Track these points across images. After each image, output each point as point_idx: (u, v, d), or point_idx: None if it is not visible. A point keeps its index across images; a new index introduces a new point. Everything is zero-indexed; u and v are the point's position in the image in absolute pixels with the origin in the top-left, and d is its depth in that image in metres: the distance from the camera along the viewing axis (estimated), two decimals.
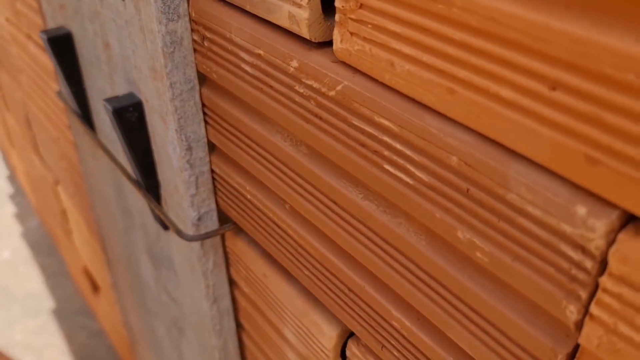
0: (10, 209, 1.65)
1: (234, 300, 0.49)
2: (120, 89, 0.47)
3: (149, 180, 0.47)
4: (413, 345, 0.29)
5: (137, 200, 0.55)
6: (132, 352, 0.91)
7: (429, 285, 0.26)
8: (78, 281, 1.31)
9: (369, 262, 0.30)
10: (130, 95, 0.45)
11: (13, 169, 1.74)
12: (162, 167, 0.45)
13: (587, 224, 0.19)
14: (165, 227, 0.50)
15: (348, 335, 0.36)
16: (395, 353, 0.31)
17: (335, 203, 0.30)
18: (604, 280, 0.19)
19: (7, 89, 1.27)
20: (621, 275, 0.18)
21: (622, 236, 0.18)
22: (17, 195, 1.71)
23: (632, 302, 0.18)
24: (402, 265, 0.28)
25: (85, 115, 0.60)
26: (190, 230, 0.43)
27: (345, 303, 0.33)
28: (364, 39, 0.24)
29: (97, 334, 1.26)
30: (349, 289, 0.32)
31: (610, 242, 0.18)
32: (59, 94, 0.67)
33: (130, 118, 0.44)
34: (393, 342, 0.31)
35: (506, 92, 0.19)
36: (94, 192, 0.71)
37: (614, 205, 0.18)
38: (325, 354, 0.37)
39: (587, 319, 0.20)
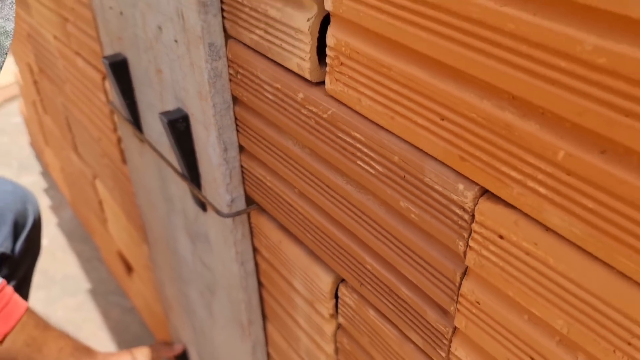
0: (45, 201, 1.81)
1: (256, 264, 0.64)
2: (169, 105, 0.63)
3: (192, 173, 0.62)
4: (379, 280, 0.44)
5: (178, 189, 0.70)
6: (165, 319, 1.07)
7: (387, 237, 0.41)
8: (112, 264, 1.47)
9: (351, 226, 0.45)
10: (179, 109, 0.60)
11: (46, 166, 1.90)
12: (203, 163, 0.60)
13: (464, 194, 0.34)
14: (204, 209, 0.65)
15: (339, 282, 0.51)
16: (369, 287, 0.46)
17: (328, 187, 0.45)
18: (474, 226, 0.34)
19: (48, 94, 1.42)
20: (481, 222, 0.33)
21: (481, 200, 0.33)
22: (51, 189, 1.87)
23: (488, 236, 0.33)
24: (371, 226, 0.43)
25: (135, 121, 0.75)
26: (225, 210, 0.59)
27: (337, 256, 0.48)
28: (344, 83, 0.39)
29: (129, 311, 1.42)
30: (339, 246, 0.47)
31: (475, 204, 0.33)
32: (112, 103, 0.82)
33: (180, 127, 0.59)
34: (367, 280, 0.46)
35: (420, 120, 0.34)
36: (138, 184, 0.86)
37: (476, 184, 0.33)
38: (324, 296, 0.53)
39: (468, 249, 0.35)
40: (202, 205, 0.65)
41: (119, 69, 0.71)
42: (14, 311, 0.82)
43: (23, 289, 1.05)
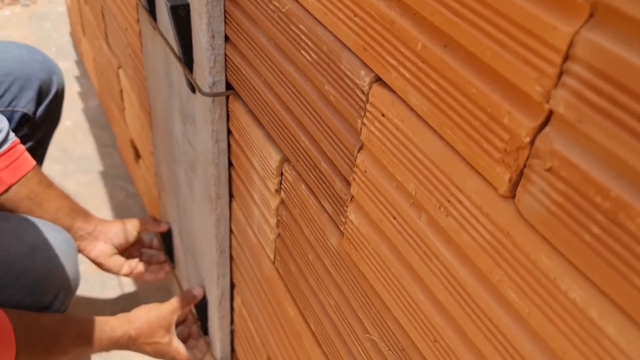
0: (75, 88, 1.93)
1: (229, 145, 0.74)
2: None
3: (187, 57, 0.72)
4: (308, 156, 0.53)
5: (178, 74, 0.80)
6: (158, 199, 1.19)
7: (315, 118, 0.50)
8: (124, 152, 1.59)
9: (294, 109, 0.54)
10: None
11: (81, 55, 2.02)
12: (196, 49, 0.69)
13: (364, 79, 0.42)
14: (193, 91, 0.74)
15: (285, 161, 0.61)
16: (302, 163, 0.55)
17: (283, 75, 0.54)
18: (368, 106, 0.43)
19: None
20: (372, 103, 0.42)
21: (374, 85, 0.42)
22: (82, 78, 1.99)
23: (375, 115, 0.42)
24: (306, 108, 0.52)
25: (151, 10, 0.84)
26: (207, 90, 0.68)
27: (283, 136, 0.58)
28: None
29: (133, 196, 1.55)
30: (285, 127, 0.57)
31: (370, 87, 0.42)
32: None
33: (181, 13, 0.68)
34: (301, 156, 0.55)
35: (341, 16, 0.43)
36: (149, 69, 0.96)
37: (372, 70, 0.42)
38: (272, 172, 0.62)
39: (363, 126, 0.44)
40: (192, 87, 0.74)
41: None
42: (22, 166, 0.93)
43: (38, 152, 1.17)
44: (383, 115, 0.41)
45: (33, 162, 0.95)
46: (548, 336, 0.31)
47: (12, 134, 0.91)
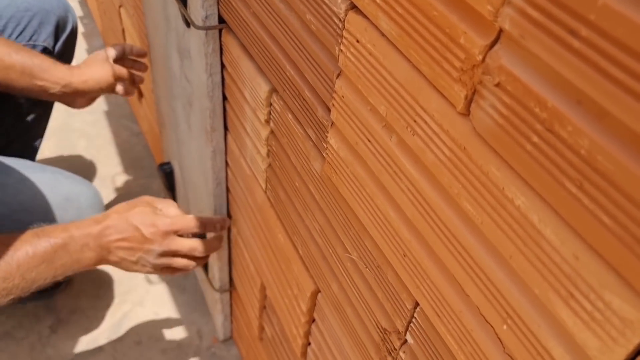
0: (79, 28, 1.93)
1: (223, 79, 0.76)
2: None
3: None
4: (293, 84, 0.55)
5: (174, 8, 0.81)
6: (160, 135, 1.21)
7: (299, 47, 0.52)
8: None
9: (281, 40, 0.55)
10: None
11: None
12: None
13: (340, 7, 0.44)
14: (188, 25, 0.76)
15: (273, 92, 0.63)
16: (288, 92, 0.57)
17: (270, 7, 0.56)
18: (344, 33, 0.44)
19: None
20: (348, 29, 0.44)
21: (350, 12, 0.43)
22: (85, 18, 1.99)
23: (351, 41, 0.44)
24: (291, 38, 0.53)
25: None
26: (200, 24, 0.69)
27: (271, 67, 0.59)
28: None
29: (136, 135, 1.58)
30: (272, 58, 0.58)
31: (346, 15, 0.43)
32: None
33: None
34: (287, 86, 0.57)
35: None
36: (147, 5, 0.97)
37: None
38: (262, 103, 0.64)
39: (340, 53, 0.45)
40: (187, 22, 0.75)
41: None
42: None
43: None
44: (357, 41, 0.43)
45: None
46: (497, 242, 0.34)
47: None
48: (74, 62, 1.21)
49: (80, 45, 1.86)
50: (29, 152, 1.24)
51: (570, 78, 0.26)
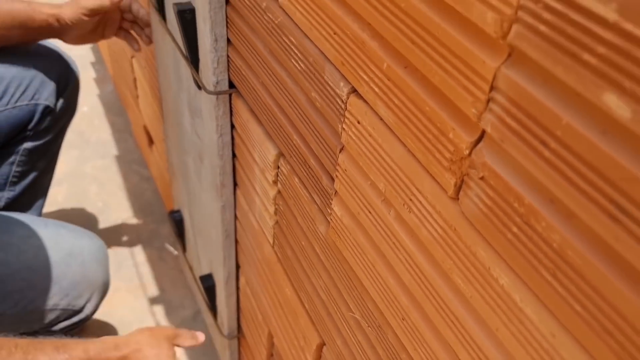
0: (91, 74, 2.00)
1: (232, 138, 0.80)
2: None
3: (193, 57, 0.77)
4: (299, 152, 0.59)
5: (185, 70, 0.86)
6: (170, 184, 1.26)
7: (304, 119, 0.56)
8: (138, 138, 1.66)
9: (287, 110, 0.60)
10: (188, 3, 0.74)
11: None
12: (202, 50, 0.75)
13: (342, 90, 0.48)
14: (199, 88, 0.80)
15: (280, 156, 0.67)
16: (295, 159, 0.61)
17: (277, 78, 0.60)
18: (346, 114, 0.48)
19: None
20: (349, 110, 0.48)
21: (351, 96, 0.47)
22: (97, 64, 2.06)
23: (352, 121, 0.48)
24: (297, 110, 0.57)
25: (161, 10, 0.90)
26: (211, 89, 0.74)
27: (279, 134, 0.64)
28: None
29: (146, 179, 1.62)
30: (280, 126, 0.63)
31: (348, 97, 0.48)
32: None
33: (187, 17, 0.74)
34: (294, 153, 0.61)
35: (323, 33, 0.48)
36: (160, 64, 1.02)
37: (349, 82, 0.47)
38: (270, 165, 0.68)
39: (343, 130, 0.49)
40: (198, 85, 0.80)
41: None
42: None
43: (58, 140, 1.24)
44: (358, 122, 0.47)
45: None
46: (485, 315, 0.37)
47: None
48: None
49: (92, 91, 1.92)
50: (35, 206, 1.25)
51: (543, 181, 0.30)
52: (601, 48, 0.24)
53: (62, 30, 1.02)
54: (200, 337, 0.87)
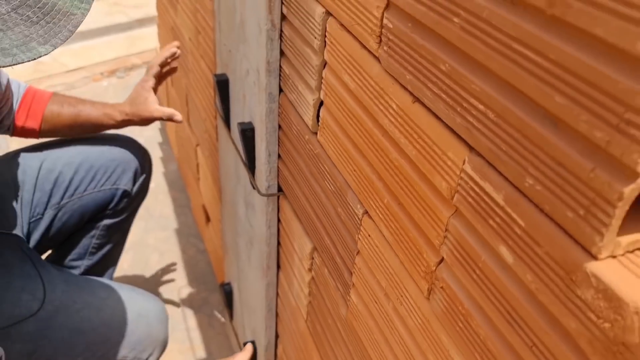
0: (158, 153, 2.24)
1: (278, 230, 0.98)
2: (246, 118, 0.97)
3: (251, 164, 0.97)
4: (328, 249, 0.77)
5: (244, 172, 1.05)
6: (222, 259, 1.44)
7: (330, 224, 0.74)
8: (196, 214, 1.87)
9: (319, 214, 0.77)
10: (250, 123, 0.94)
11: (165, 125, 2.34)
12: (258, 161, 0.94)
13: (359, 211, 0.65)
14: (254, 188, 0.99)
15: (315, 249, 0.84)
16: (324, 254, 0.78)
17: (312, 190, 0.78)
18: (362, 228, 0.65)
19: (176, 74, 1.82)
20: (364, 226, 0.65)
21: (364, 216, 0.65)
22: (164, 144, 2.30)
23: (364, 234, 0.65)
24: (326, 218, 0.75)
25: (227, 121, 1.11)
26: (263, 191, 0.93)
27: (313, 231, 0.81)
28: (325, 138, 0.72)
29: (202, 252, 1.82)
30: (314, 225, 0.80)
31: (362, 216, 0.65)
32: (215, 104, 1.19)
33: (248, 134, 0.94)
34: (324, 248, 0.78)
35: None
36: (222, 161, 1.23)
37: (364, 206, 0.65)
38: (306, 256, 0.86)
39: (359, 240, 0.67)
40: (253, 186, 0.99)
41: (223, 85, 1.06)
42: (37, 108, 1.22)
43: (130, 218, 1.45)
44: (369, 235, 0.64)
45: (46, 96, 1.24)
46: None
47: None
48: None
49: (158, 169, 2.15)
50: (107, 274, 1.46)
51: (474, 294, 0.46)
52: (497, 219, 0.41)
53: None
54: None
